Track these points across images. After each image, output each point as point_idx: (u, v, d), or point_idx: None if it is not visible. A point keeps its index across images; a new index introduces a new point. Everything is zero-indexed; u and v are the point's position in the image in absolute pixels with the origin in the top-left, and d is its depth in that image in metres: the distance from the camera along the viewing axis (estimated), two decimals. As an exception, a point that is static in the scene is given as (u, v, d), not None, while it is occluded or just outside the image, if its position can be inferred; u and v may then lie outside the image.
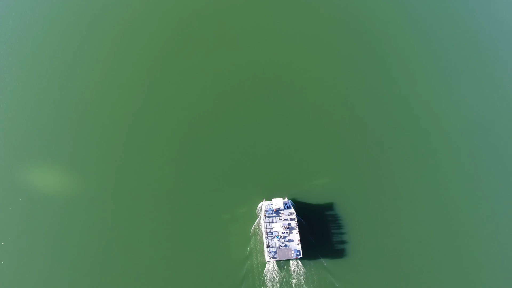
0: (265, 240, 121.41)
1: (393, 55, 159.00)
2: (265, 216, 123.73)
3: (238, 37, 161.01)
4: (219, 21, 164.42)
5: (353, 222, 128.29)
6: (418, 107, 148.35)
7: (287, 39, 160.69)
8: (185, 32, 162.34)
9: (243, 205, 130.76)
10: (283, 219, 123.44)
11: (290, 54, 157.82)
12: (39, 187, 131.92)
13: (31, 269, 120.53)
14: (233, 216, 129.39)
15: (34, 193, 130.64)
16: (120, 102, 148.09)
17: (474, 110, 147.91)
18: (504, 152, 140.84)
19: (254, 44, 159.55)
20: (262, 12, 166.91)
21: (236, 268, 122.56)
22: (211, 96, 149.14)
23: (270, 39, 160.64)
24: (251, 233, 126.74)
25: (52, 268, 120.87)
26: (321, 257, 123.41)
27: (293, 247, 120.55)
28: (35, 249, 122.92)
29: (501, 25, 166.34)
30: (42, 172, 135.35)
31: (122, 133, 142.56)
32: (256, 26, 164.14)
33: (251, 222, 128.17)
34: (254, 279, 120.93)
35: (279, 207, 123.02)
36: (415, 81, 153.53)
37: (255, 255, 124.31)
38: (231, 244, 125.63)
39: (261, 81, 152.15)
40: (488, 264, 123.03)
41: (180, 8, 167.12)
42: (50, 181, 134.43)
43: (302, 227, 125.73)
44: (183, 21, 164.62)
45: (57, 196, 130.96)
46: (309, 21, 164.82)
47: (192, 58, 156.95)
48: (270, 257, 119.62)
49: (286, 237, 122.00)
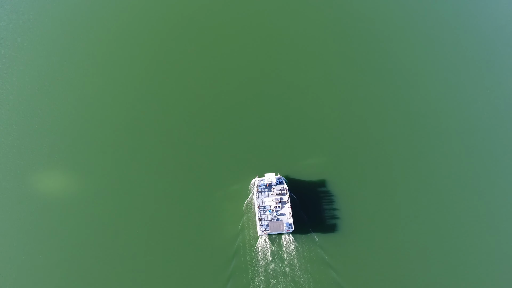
0: (257, 214, 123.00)
1: (388, 42, 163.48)
2: (258, 190, 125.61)
3: (232, 20, 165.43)
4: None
5: (345, 199, 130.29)
6: (410, 89, 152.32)
7: (282, 23, 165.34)
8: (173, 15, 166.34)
9: (236, 182, 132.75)
10: (275, 194, 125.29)
11: (286, 36, 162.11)
12: (38, 187, 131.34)
13: (31, 270, 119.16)
14: (226, 193, 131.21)
15: (34, 193, 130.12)
16: (111, 84, 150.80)
17: (473, 106, 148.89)
18: (504, 152, 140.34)
19: (249, 27, 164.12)
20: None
21: (229, 243, 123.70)
22: (206, 76, 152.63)
23: (266, 22, 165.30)
24: (244, 208, 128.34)
25: (51, 268, 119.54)
26: (313, 232, 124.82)
27: (285, 220, 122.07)
28: (35, 249, 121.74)
29: (501, 25, 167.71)
30: (41, 172, 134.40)
31: (113, 110, 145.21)
32: (246, 7, 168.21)
33: (244, 199, 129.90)
34: (245, 253, 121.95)
35: (272, 181, 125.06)
36: (403, 63, 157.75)
37: (247, 230, 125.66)
38: (224, 220, 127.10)
39: (256, 61, 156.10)
40: (482, 250, 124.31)
41: (174, 7, 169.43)
42: (49, 181, 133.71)
43: (294, 203, 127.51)
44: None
45: (55, 195, 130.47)
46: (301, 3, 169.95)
47: (186, 39, 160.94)
48: (262, 231, 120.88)
49: (278, 211, 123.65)
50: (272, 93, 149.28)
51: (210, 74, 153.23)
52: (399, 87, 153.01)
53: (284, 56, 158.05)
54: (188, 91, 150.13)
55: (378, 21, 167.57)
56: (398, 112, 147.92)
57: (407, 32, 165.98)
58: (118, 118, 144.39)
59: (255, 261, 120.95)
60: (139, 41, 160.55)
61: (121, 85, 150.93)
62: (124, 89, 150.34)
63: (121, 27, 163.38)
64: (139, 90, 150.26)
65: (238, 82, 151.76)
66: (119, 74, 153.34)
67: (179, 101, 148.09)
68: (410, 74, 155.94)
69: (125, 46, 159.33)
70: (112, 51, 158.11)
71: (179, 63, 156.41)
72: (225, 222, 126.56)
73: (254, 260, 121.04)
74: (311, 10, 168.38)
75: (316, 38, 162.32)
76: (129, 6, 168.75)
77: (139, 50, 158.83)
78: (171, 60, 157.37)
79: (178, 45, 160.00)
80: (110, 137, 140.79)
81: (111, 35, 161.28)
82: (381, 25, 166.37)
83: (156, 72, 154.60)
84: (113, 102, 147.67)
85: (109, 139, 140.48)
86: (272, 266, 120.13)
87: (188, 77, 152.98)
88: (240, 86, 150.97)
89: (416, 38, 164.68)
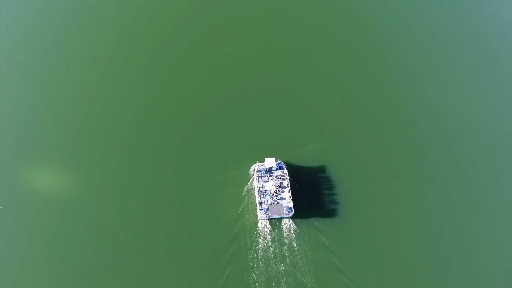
0: (257, 198, 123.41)
1: (386, 28, 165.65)
2: (258, 175, 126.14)
3: (233, 11, 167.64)
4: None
5: (344, 184, 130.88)
6: (411, 75, 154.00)
7: (280, 13, 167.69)
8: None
9: (237, 168, 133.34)
10: (275, 178, 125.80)
11: (285, 24, 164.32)
12: (37, 187, 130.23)
13: (30, 269, 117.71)
14: (227, 179, 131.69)
15: (33, 193, 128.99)
16: (109, 73, 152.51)
17: (473, 105, 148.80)
18: (504, 153, 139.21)
19: (249, 17, 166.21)
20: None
21: (229, 227, 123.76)
22: (206, 63, 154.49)
23: (265, 13, 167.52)
24: (244, 193, 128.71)
25: (51, 268, 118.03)
26: (313, 217, 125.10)
27: (285, 204, 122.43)
28: (34, 249, 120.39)
29: (501, 25, 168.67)
30: (40, 172, 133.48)
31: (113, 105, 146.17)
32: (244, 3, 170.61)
33: (244, 184, 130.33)
34: (246, 238, 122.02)
35: (272, 166, 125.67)
36: (401, 49, 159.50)
37: (247, 215, 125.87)
38: (224, 205, 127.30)
39: (256, 46, 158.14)
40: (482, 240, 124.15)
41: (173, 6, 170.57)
42: (47, 180, 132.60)
43: (295, 188, 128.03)
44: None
45: (53, 195, 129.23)
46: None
47: (186, 31, 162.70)
48: (262, 214, 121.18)
49: (278, 195, 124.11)
50: (273, 80, 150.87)
51: (211, 61, 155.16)
52: (400, 72, 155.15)
53: (284, 43, 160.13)
54: (189, 77, 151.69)
55: (378, 21, 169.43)
56: (399, 97, 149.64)
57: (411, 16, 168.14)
58: (119, 104, 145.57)
59: (255, 245, 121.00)
60: (139, 32, 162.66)
61: (119, 72, 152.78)
62: (124, 77, 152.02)
63: (122, 22, 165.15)
64: (139, 77, 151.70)
65: (239, 69, 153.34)
66: (118, 65, 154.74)
67: (180, 88, 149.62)
68: (409, 60, 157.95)
69: (125, 39, 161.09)
70: (113, 46, 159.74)
71: (179, 50, 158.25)
72: (225, 207, 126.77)
73: (254, 244, 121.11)
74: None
75: (316, 27, 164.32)
76: (131, 1, 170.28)
77: (138, 38, 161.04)
78: (171, 47, 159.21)
79: (177, 32, 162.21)
80: (110, 124, 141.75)
81: (111, 32, 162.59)
82: (381, 11, 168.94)
83: (158, 59, 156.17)
84: (112, 88, 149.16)
85: (109, 125, 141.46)
86: (272, 250, 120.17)
87: (190, 63, 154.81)
88: (240, 73, 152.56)
89: (421, 24, 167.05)
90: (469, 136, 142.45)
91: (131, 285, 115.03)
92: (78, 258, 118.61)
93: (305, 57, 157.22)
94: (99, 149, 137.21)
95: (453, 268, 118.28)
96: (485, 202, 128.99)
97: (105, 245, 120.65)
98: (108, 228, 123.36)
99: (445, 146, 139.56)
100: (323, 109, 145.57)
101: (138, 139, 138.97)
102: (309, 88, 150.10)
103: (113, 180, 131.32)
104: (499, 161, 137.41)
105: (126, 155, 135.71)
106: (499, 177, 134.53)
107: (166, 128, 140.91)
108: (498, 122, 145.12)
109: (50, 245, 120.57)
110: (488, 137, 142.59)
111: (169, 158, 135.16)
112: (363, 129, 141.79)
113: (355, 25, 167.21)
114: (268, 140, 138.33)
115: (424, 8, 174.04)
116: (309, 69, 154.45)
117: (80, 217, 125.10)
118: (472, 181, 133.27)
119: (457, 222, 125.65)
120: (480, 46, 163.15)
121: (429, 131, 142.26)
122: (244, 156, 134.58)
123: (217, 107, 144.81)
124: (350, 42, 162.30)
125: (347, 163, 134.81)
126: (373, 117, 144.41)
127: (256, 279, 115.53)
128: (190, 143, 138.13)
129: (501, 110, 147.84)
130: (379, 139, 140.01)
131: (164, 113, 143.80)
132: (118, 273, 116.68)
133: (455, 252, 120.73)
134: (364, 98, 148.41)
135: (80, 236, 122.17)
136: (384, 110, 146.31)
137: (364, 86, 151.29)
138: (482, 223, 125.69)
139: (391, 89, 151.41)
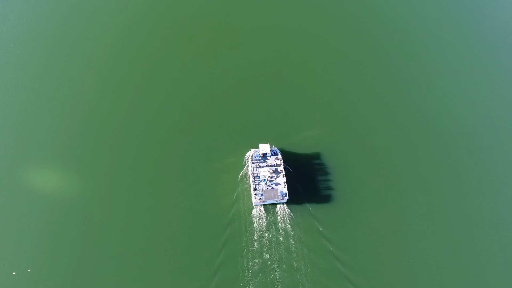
0: (252, 184, 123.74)
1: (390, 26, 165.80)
2: (252, 161, 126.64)
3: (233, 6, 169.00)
4: None
5: (340, 171, 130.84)
6: (409, 65, 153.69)
7: (281, 5, 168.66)
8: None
9: (232, 155, 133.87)
10: (270, 164, 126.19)
11: (284, 16, 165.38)
12: (37, 187, 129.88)
13: (30, 269, 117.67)
14: (223, 166, 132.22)
15: (33, 193, 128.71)
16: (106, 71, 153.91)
17: (474, 105, 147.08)
18: (507, 152, 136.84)
19: (247, 9, 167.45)
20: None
21: (223, 213, 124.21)
22: (203, 49, 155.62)
23: (264, 5, 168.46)
24: (239, 180, 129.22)
25: (51, 268, 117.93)
26: (307, 203, 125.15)
27: (280, 189, 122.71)
28: (34, 249, 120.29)
29: (501, 25, 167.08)
30: (39, 172, 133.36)
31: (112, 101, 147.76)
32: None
33: (239, 171, 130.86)
34: (240, 223, 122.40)
35: (266, 152, 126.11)
36: (399, 39, 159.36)
37: (242, 201, 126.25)
38: (219, 192, 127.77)
39: (252, 34, 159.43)
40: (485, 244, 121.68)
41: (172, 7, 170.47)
42: (47, 181, 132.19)
43: (290, 175, 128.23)
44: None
45: (53, 195, 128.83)
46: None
47: (184, 19, 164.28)
48: (257, 200, 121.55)
49: (273, 180, 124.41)
50: (268, 67, 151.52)
51: (207, 49, 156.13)
52: (398, 61, 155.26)
53: (281, 30, 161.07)
54: (185, 64, 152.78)
55: (378, 21, 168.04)
56: (396, 85, 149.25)
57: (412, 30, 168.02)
58: (114, 92, 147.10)
59: (250, 230, 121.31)
60: (138, 30, 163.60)
61: (117, 65, 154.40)
62: (121, 66, 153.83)
63: (121, 22, 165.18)
64: (136, 69, 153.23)
65: (235, 56, 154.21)
66: (117, 62, 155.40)
67: (177, 75, 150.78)
68: (407, 52, 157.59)
69: (125, 37, 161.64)
70: (112, 45, 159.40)
71: (176, 41, 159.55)
72: (220, 193, 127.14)
73: (248, 230, 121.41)
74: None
75: (314, 18, 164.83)
76: (125, 3, 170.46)
77: (137, 35, 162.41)
78: (169, 39, 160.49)
79: (174, 24, 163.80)
80: (107, 116, 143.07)
81: (109, 32, 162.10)
82: (384, 25, 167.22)
83: (155, 51, 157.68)
84: (108, 82, 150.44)
85: (106, 118, 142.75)
86: (266, 235, 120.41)
87: (185, 53, 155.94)
88: (237, 60, 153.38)
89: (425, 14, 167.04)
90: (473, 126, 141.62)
91: (125, 263, 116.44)
92: (77, 257, 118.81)
93: (302, 45, 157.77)
94: (96, 138, 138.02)
95: (447, 249, 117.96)
96: (486, 196, 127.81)
97: (100, 226, 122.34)
98: (105, 215, 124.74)
99: (443, 137, 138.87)
100: (320, 96, 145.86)
101: (135, 127, 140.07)
102: (305, 75, 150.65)
103: (110, 168, 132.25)
104: (502, 160, 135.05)
105: (123, 142, 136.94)
106: (500, 177, 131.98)
107: (162, 116, 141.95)
108: (502, 122, 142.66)
109: (50, 245, 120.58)
110: (488, 137, 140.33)
111: (166, 146, 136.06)
112: (360, 116, 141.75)
113: (353, 17, 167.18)
114: (264, 127, 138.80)
115: (426, 7, 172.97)
116: (306, 57, 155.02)
117: (74, 206, 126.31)
118: (470, 163, 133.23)
119: (455, 206, 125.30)
120: (483, 46, 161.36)
121: (429, 119, 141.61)
122: (239, 142, 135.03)
123: (214, 95, 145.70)
124: (347, 31, 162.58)
125: (343, 150, 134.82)
126: (370, 105, 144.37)
127: (250, 264, 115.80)
128: (187, 131, 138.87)
129: (505, 110, 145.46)
130: (375, 127, 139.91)
131: (160, 100, 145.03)
132: (113, 256, 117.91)
133: (449, 233, 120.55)
134: (361, 86, 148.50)
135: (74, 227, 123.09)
136: (381, 97, 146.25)
137: (362, 73, 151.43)
138: (482, 214, 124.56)
139: (388, 77, 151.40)
